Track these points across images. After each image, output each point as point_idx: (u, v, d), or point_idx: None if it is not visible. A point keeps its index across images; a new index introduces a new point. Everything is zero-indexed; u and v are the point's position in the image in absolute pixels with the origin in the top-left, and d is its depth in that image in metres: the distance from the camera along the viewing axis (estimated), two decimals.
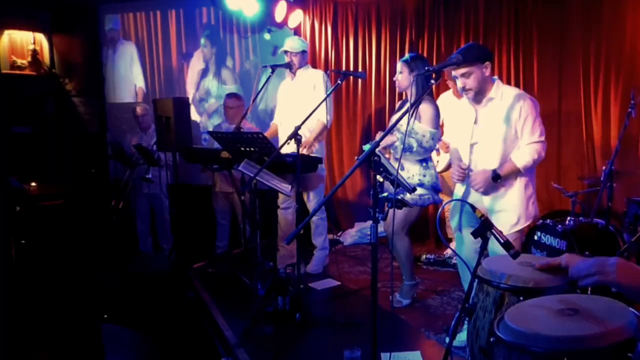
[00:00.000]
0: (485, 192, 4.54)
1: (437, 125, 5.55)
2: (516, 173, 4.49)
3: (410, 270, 5.91)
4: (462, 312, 2.85)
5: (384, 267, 6.32)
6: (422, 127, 5.41)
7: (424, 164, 5.60)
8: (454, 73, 4.45)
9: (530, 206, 4.61)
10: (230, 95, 7.98)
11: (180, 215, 7.57)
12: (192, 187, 8.76)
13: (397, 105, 6.09)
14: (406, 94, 5.73)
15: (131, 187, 8.58)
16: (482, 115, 4.54)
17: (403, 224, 5.70)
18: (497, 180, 4.44)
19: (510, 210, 4.54)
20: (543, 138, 4.45)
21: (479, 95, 4.48)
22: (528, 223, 4.64)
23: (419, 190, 5.45)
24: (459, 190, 4.82)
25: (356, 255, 8.04)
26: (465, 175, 4.60)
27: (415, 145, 5.41)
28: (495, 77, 4.58)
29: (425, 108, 5.45)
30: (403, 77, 5.57)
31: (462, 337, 4.40)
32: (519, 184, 4.54)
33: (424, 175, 5.56)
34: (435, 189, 5.65)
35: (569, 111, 7.62)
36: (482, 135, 4.55)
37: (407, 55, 5.73)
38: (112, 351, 4.78)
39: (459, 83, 4.45)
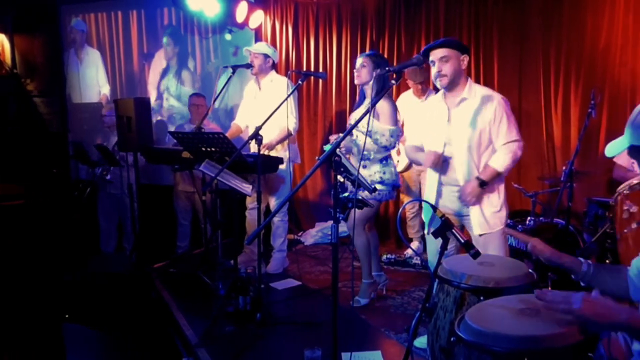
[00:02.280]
0: (476, 202, 4.51)
1: (396, 121, 5.54)
2: (498, 176, 4.51)
3: (368, 268, 5.91)
4: (423, 311, 2.85)
5: (344, 267, 6.33)
6: (381, 126, 5.41)
7: (384, 162, 5.63)
8: (431, 57, 4.48)
9: (504, 209, 4.64)
10: (197, 95, 8.10)
11: (141, 215, 7.55)
12: (153, 187, 8.79)
13: (356, 104, 5.98)
14: (365, 91, 5.71)
15: (94, 187, 8.54)
16: (455, 115, 4.55)
17: (361, 221, 5.68)
18: (484, 187, 4.43)
19: (489, 214, 4.55)
20: (519, 137, 4.49)
21: (451, 87, 4.52)
22: (503, 226, 4.59)
23: (378, 187, 5.44)
24: (430, 194, 4.79)
25: (317, 255, 8.07)
26: (440, 160, 4.57)
27: (372, 152, 5.50)
28: (470, 78, 4.61)
29: (382, 105, 5.45)
30: (366, 72, 5.55)
31: (423, 340, 4.42)
32: (497, 190, 4.59)
33: (384, 173, 5.57)
34: (393, 185, 5.67)
35: (529, 111, 7.69)
36: (454, 135, 4.54)
37: (370, 51, 5.73)
38: (74, 350, 4.76)
39: (435, 68, 4.46)
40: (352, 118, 5.75)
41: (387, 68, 3.71)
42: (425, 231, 4.86)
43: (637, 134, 2.24)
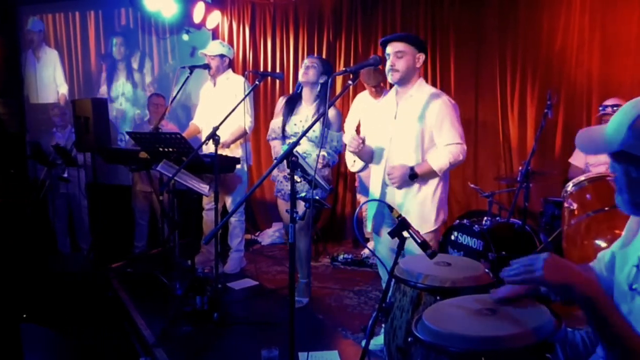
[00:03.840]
0: (400, 187, 4.43)
1: (341, 127, 5.61)
2: (433, 174, 4.42)
3: (308, 268, 5.94)
4: (379, 311, 2.85)
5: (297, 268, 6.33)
6: (333, 133, 5.48)
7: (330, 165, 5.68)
8: (387, 50, 4.42)
9: (440, 211, 4.55)
10: (156, 95, 8.12)
11: (99, 215, 7.52)
12: (111, 187, 8.79)
13: (283, 103, 5.93)
14: (303, 93, 5.70)
15: (48, 187, 8.55)
16: (401, 111, 4.49)
17: (305, 223, 5.64)
18: (413, 179, 4.36)
19: (420, 214, 4.46)
20: (461, 141, 4.40)
21: (402, 83, 4.45)
22: (436, 227, 4.54)
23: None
24: (375, 190, 4.71)
25: (274, 255, 8.10)
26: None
27: (336, 156, 5.54)
28: (422, 77, 4.55)
29: (332, 114, 5.52)
30: (314, 73, 5.53)
31: (378, 340, 4.40)
32: (432, 188, 4.49)
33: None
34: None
35: (485, 112, 7.78)
36: (399, 130, 4.49)
37: (318, 56, 5.71)
38: (31, 351, 4.72)
39: (389, 62, 4.39)
40: (292, 122, 5.68)
41: (344, 68, 3.72)
42: (369, 228, 4.81)
43: (635, 141, 2.04)
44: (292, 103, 5.78)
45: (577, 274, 2.03)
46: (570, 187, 5.09)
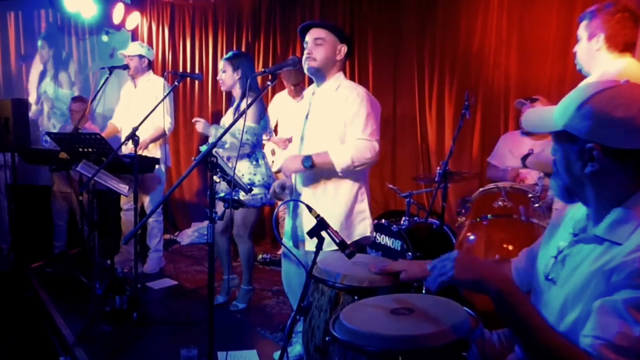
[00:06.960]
0: (305, 184, 4.17)
1: (258, 120, 5.40)
2: (334, 171, 3.96)
3: (250, 276, 5.90)
4: (298, 311, 2.86)
5: (220, 267, 6.39)
6: (248, 125, 5.27)
7: (254, 163, 5.49)
8: (306, 37, 4.10)
9: (357, 224, 4.16)
10: (75, 99, 7.95)
11: (19, 215, 7.54)
12: (33, 187, 8.67)
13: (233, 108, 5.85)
14: (232, 94, 5.66)
15: None
16: (314, 107, 4.19)
17: (244, 227, 5.66)
18: (308, 166, 3.95)
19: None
20: (373, 138, 3.95)
21: (318, 75, 4.13)
22: (351, 241, 4.07)
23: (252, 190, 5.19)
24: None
25: (193, 255, 8.12)
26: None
27: (228, 140, 5.22)
28: (341, 72, 4.21)
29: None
30: (227, 76, 5.46)
31: (295, 350, 4.47)
32: (348, 196, 4.10)
33: (254, 174, 5.47)
34: (268, 187, 5.44)
35: (403, 112, 7.83)
36: (310, 129, 4.19)
37: (229, 53, 5.66)
38: None
39: (306, 50, 4.08)
40: (222, 122, 5.73)
41: (263, 69, 3.72)
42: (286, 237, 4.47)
43: (578, 122, 2.00)
44: (231, 103, 5.77)
45: (486, 268, 2.05)
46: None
